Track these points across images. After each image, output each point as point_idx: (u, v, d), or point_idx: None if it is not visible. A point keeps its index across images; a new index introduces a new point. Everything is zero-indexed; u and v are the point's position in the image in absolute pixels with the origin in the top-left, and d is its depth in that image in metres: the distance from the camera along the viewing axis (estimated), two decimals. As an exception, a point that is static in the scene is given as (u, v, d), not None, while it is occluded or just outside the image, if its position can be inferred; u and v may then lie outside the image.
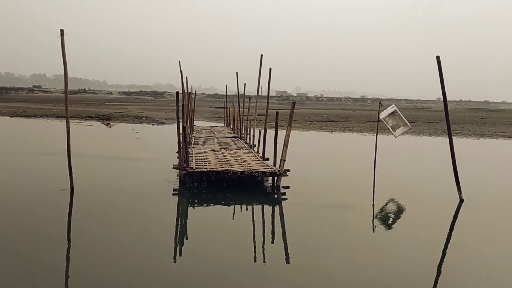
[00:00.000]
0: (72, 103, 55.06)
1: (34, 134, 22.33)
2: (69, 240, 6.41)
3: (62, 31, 8.27)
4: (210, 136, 17.56)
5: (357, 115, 44.85)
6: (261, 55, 13.18)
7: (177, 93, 9.99)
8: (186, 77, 17.74)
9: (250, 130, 15.11)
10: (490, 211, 8.95)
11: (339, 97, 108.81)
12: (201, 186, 10.21)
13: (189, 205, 8.99)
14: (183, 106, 9.77)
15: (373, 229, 7.59)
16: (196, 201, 9.34)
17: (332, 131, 27.37)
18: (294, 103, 9.72)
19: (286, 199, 9.48)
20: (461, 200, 9.07)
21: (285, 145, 9.56)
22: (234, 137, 17.51)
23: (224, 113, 26.94)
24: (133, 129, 24.26)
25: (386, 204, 9.35)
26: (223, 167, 9.87)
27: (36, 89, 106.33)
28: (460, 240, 7.19)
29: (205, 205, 9.12)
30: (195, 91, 23.57)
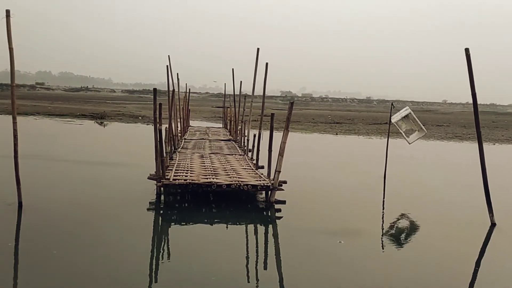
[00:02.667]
0: (71, 100, 54.39)
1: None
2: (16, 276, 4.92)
3: (7, 11, 6.76)
4: (203, 139, 15.99)
5: (363, 116, 43.19)
6: (258, 49, 11.63)
7: (155, 89, 8.49)
8: (177, 74, 16.22)
9: (245, 133, 13.54)
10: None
11: (344, 98, 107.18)
12: (185, 199, 8.70)
13: (165, 224, 7.52)
14: (161, 105, 8.22)
15: (384, 256, 6.02)
16: (174, 218, 7.84)
17: (337, 134, 25.75)
18: (292, 103, 8.14)
19: (281, 217, 7.95)
20: (493, 224, 7.46)
21: (281, 153, 7.98)
22: (229, 140, 15.94)
23: (223, 113, 25.40)
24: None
25: (401, 227, 7.79)
26: (207, 178, 8.32)
27: (38, 86, 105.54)
28: (499, 281, 5.60)
29: (183, 223, 7.61)
30: (189, 89, 22.02)
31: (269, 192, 8.20)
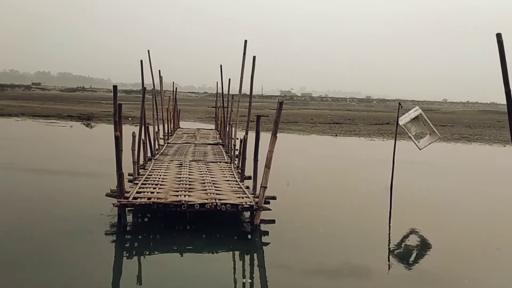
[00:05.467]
0: (64, 101, 52.84)
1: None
2: None
3: None
4: (188, 143, 14.47)
5: (363, 116, 41.65)
6: (245, 41, 10.11)
7: (115, 87, 6.99)
8: (159, 71, 14.68)
9: (233, 136, 11.99)
10: None
11: (344, 98, 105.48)
12: (156, 218, 7.21)
13: (126, 254, 6.08)
14: (121, 106, 6.72)
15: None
16: (137, 245, 6.40)
17: (336, 135, 24.20)
18: (281, 103, 6.66)
19: (269, 243, 6.46)
20: (533, 254, 5.97)
21: (267, 165, 6.48)
22: (217, 144, 14.40)
23: (215, 114, 23.86)
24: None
25: (412, 258, 6.28)
26: (178, 195, 6.81)
27: (34, 86, 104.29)
28: None
29: (146, 253, 6.13)
30: (176, 88, 20.47)
31: (254, 212, 6.69)
